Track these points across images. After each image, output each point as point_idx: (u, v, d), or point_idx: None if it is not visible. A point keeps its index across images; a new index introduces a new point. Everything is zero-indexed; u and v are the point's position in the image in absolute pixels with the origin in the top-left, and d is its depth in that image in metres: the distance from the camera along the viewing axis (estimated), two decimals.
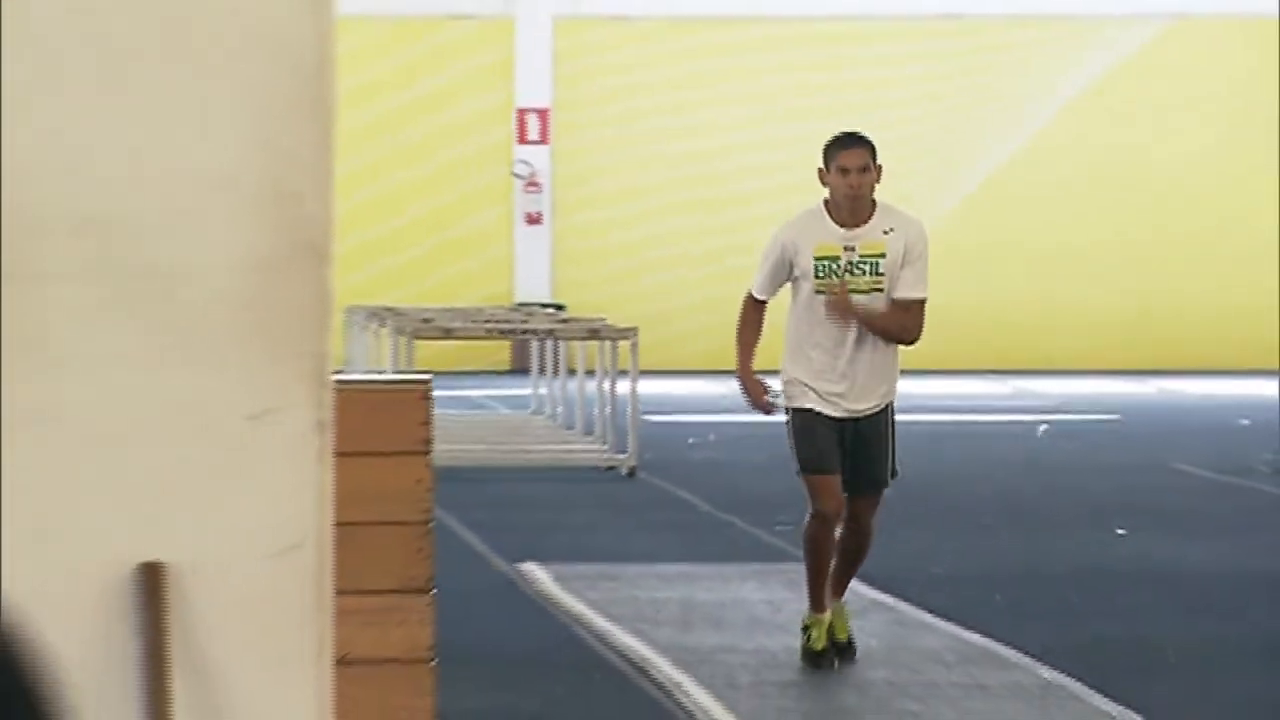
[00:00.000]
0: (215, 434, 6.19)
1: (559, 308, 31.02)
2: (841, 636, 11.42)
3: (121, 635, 6.28)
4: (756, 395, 11.54)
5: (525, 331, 29.22)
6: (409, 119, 31.74)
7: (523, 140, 35.18)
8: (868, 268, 10.91)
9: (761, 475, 22.19)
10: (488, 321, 28.58)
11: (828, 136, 13.94)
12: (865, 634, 13.99)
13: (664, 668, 13.79)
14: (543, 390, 28.97)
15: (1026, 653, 14.07)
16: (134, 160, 6.14)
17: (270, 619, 6.39)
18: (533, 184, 34.55)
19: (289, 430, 6.27)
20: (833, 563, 11.61)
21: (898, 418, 12.60)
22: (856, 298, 11.06)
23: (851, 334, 10.98)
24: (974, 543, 20.28)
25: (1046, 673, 13.64)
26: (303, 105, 6.17)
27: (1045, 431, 29.41)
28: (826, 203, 11.09)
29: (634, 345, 25.03)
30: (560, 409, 27.92)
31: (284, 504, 6.32)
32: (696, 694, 13.09)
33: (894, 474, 11.59)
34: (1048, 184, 38.68)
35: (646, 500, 21.74)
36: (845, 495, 11.65)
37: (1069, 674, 13.48)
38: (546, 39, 36.05)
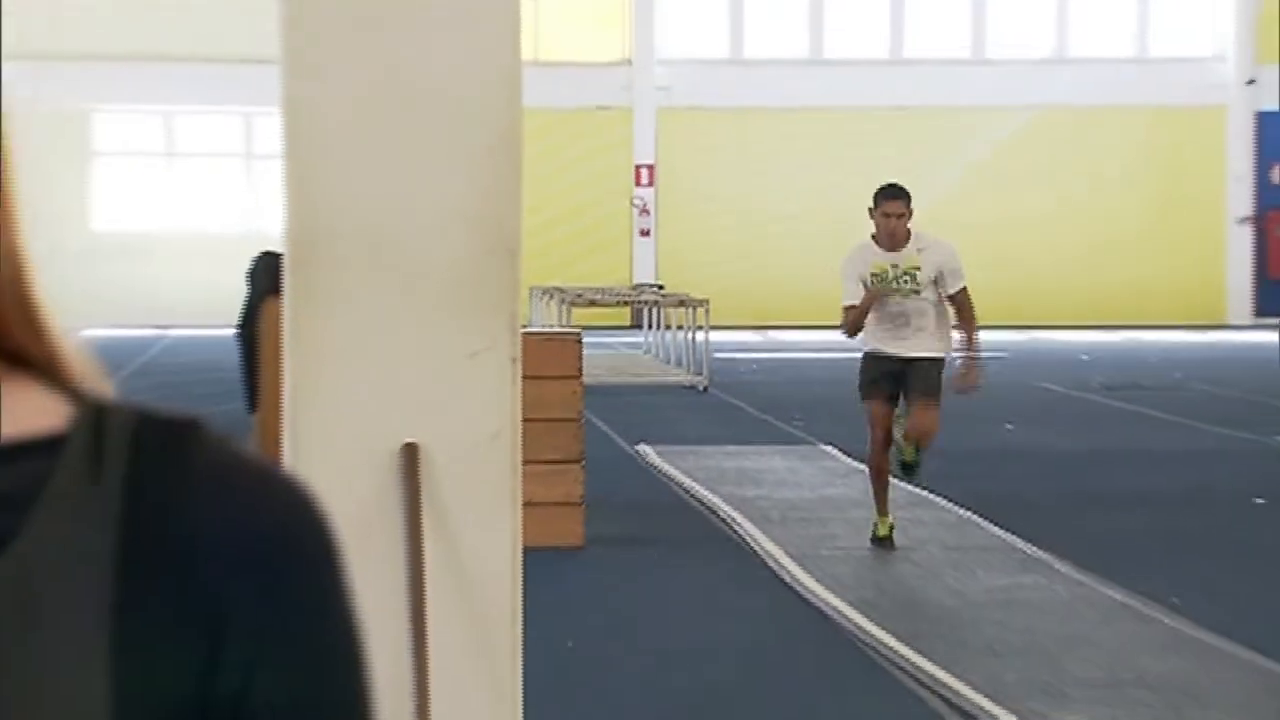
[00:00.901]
0: (451, 363, 6.57)
1: (660, 287, 31.53)
2: (910, 457, 11.95)
3: (391, 488, 6.52)
4: (867, 302, 11.36)
5: (639, 302, 30.93)
6: (567, 170, 32.13)
7: (638, 184, 35.94)
8: (908, 278, 11.16)
9: (786, 390, 24.31)
10: (615, 296, 30.00)
11: (833, 191, 13.13)
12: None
13: (725, 508, 14.97)
14: (650, 339, 29.62)
15: (950, 499, 15.05)
16: (396, 193, 6.59)
17: (483, 480, 6.61)
18: (644, 211, 36.03)
19: (494, 363, 6.54)
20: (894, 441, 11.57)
21: None
22: (902, 299, 11.36)
23: (901, 320, 11.28)
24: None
25: (961, 511, 14.73)
26: (500, 158, 6.65)
27: (959, 364, 27.61)
28: (874, 235, 11.43)
29: (706, 309, 26.58)
30: (660, 350, 28.80)
31: (492, 407, 6.57)
32: (745, 524, 14.27)
33: (939, 394, 11.59)
34: (948, 229, 35.73)
35: (713, 406, 22.81)
36: (900, 413, 11.63)
37: (976, 513, 14.54)
38: (652, 120, 36.24)
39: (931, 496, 15.27)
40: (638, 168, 35.75)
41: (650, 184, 35.82)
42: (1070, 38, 36.62)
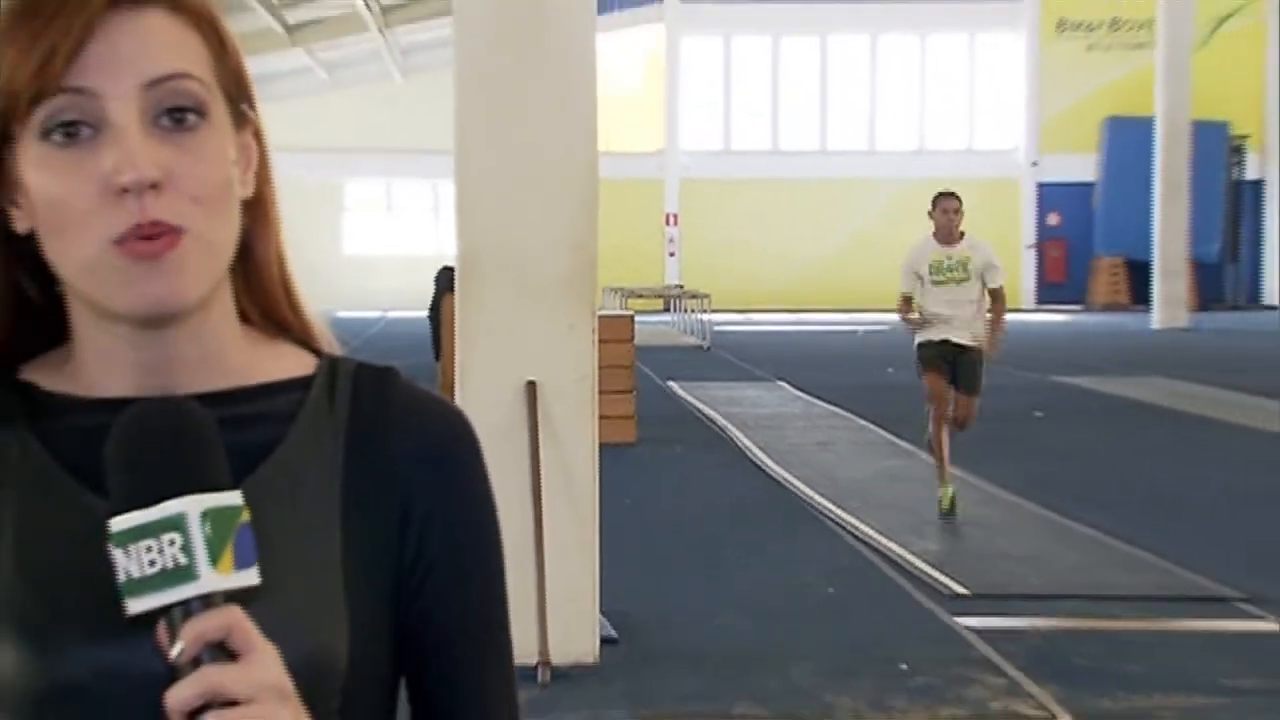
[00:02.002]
0: (556, 333, 6.34)
1: (680, 287, 30.41)
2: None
3: (520, 409, 6.28)
4: (914, 321, 9.55)
5: (667, 295, 29.76)
6: (624, 216, 28.94)
7: (667, 225, 34.88)
8: (959, 269, 9.35)
9: (755, 349, 23.18)
10: (653, 292, 29.35)
11: (783, 231, 11.94)
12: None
13: (719, 419, 14.55)
14: (674, 318, 28.56)
15: (855, 413, 11.97)
16: (524, 230, 6.36)
17: (575, 403, 6.39)
18: (671, 241, 34.91)
19: (581, 332, 6.40)
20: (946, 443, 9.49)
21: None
22: (954, 286, 9.42)
23: (952, 309, 9.38)
24: (825, 370, 16.10)
25: (861, 421, 11.05)
26: (586, 210, 6.48)
27: (861, 333, 27.15)
28: (933, 233, 9.62)
29: (710, 299, 25.70)
30: (680, 325, 27.78)
31: (580, 359, 6.32)
32: (731, 429, 13.92)
33: (980, 387, 9.54)
34: (858, 249, 33.86)
35: (712, 359, 21.97)
36: (952, 397, 9.52)
37: (872, 422, 11.98)
38: (677, 186, 35.02)
39: (841, 412, 15.00)
40: (667, 215, 35.03)
41: (675, 225, 35.05)
42: (926, 137, 35.67)
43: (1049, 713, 5.82)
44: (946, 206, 9.66)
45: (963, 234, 9.58)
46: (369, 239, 35.02)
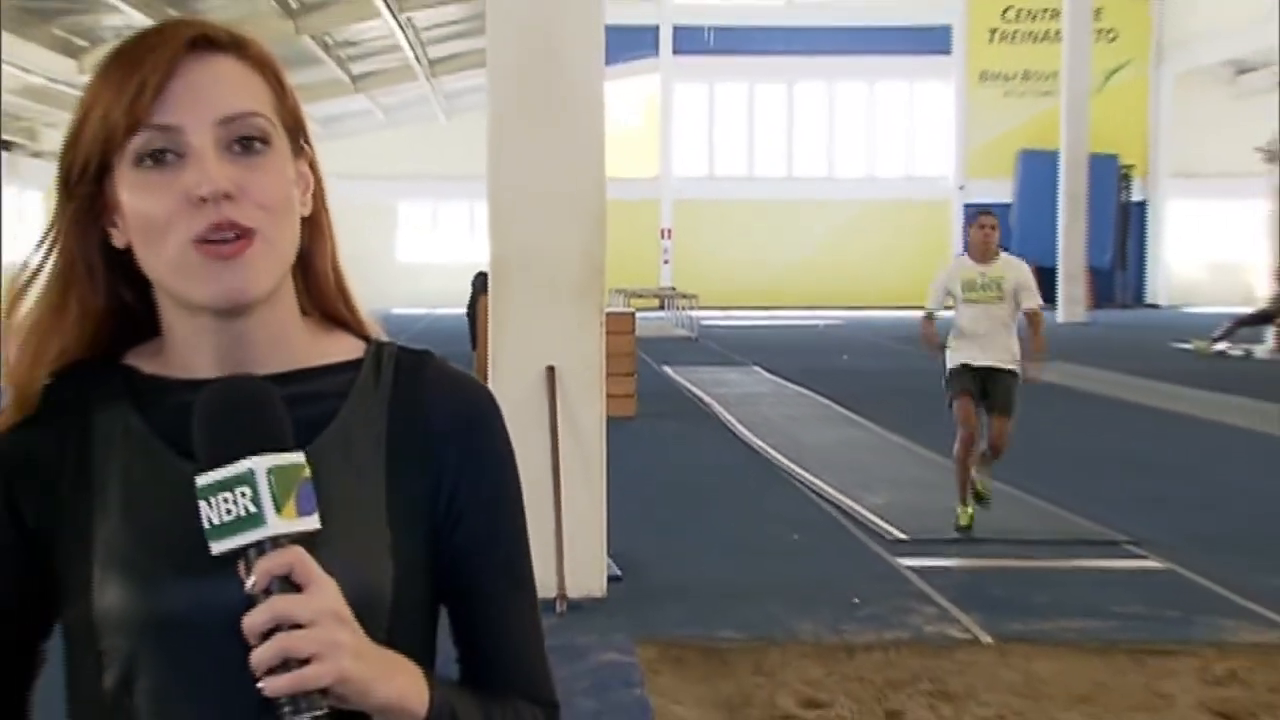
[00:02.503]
0: (571, 326, 6.26)
1: (673, 288, 30.21)
2: (983, 491, 7.79)
3: (541, 389, 6.23)
4: (932, 346, 8.12)
5: (662, 295, 29.63)
6: (628, 231, 28.71)
7: (663, 238, 34.29)
8: (993, 287, 7.70)
9: (734, 340, 22.76)
10: (650, 292, 29.16)
11: (755, 241, 11.28)
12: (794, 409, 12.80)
13: (705, 398, 14.35)
14: (667, 314, 28.21)
15: (819, 393, 12.00)
16: (545, 241, 6.30)
17: (586, 384, 6.31)
18: (665, 251, 34.32)
19: (591, 326, 6.33)
20: (981, 453, 7.82)
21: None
22: (986, 305, 7.74)
23: (983, 329, 7.73)
24: (792, 357, 16.95)
25: (817, 396, 12.04)
26: (596, 225, 6.37)
27: (821, 326, 27.10)
28: (967, 251, 8.01)
29: (697, 299, 26.00)
30: (673, 320, 27.34)
31: (590, 348, 6.28)
32: (714, 405, 13.81)
33: (1014, 410, 7.73)
34: (820, 257, 34.58)
35: (699, 347, 21.59)
36: (985, 417, 7.81)
37: (827, 397, 11.76)
38: (671, 206, 34.59)
39: (805, 392, 14.84)
40: (662, 229, 34.62)
41: (669, 238, 34.66)
42: (874, 166, 35.29)
43: (973, 635, 5.83)
44: (984, 223, 8.02)
45: (999, 252, 7.97)
46: (418, 250, 34.82)
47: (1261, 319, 20.44)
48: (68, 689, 1.15)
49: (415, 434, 1.17)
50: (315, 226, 1.18)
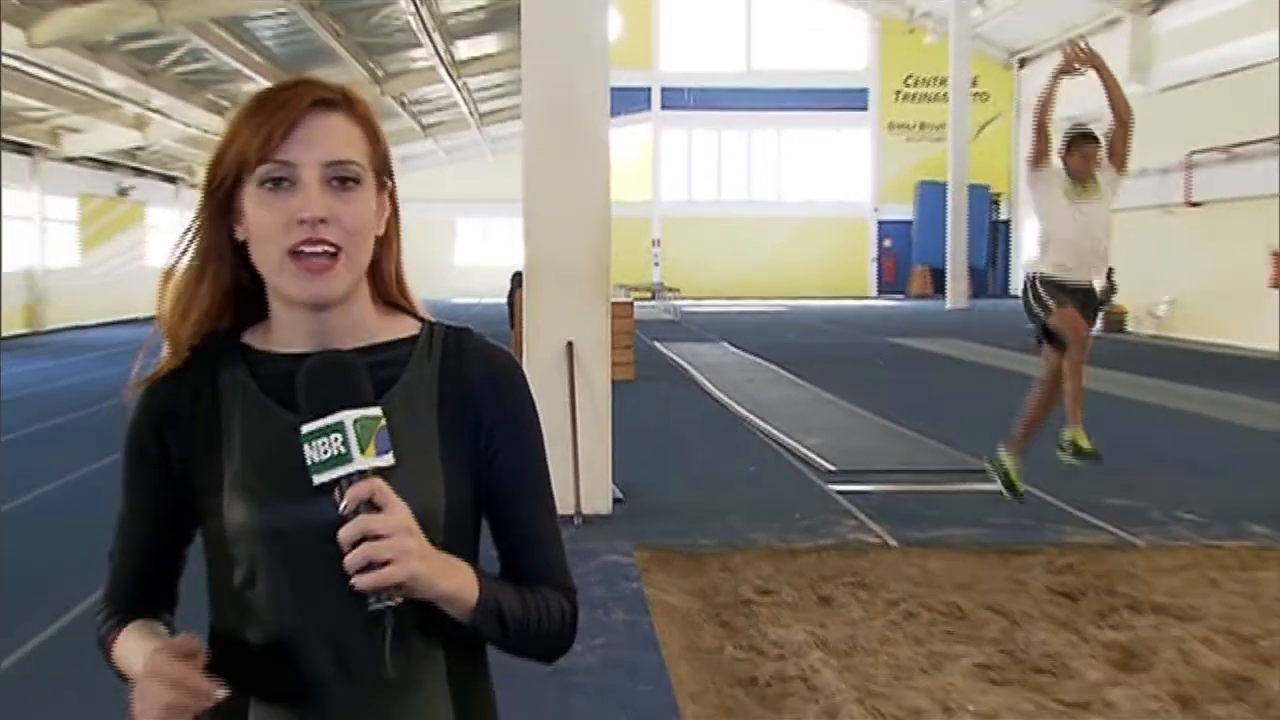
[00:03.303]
0: (585, 312, 6.11)
1: (662, 284, 29.49)
2: (1085, 445, 5.86)
3: (562, 359, 6.07)
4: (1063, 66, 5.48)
5: (653, 289, 28.45)
6: (627, 239, 28.71)
7: (654, 245, 33.38)
8: (1094, 185, 5.47)
9: (708, 322, 21.98)
10: (645, 287, 28.19)
11: (722, 247, 11.26)
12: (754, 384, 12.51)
13: (688, 366, 13.74)
14: (657, 303, 27.11)
15: (768, 360, 11.88)
16: (565, 246, 6.13)
17: (596, 354, 6.15)
18: (656, 255, 33.34)
19: (600, 311, 6.17)
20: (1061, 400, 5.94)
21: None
22: (1088, 205, 5.61)
23: (1085, 239, 5.66)
24: (750, 335, 16.33)
25: (762, 361, 12.42)
26: (603, 235, 6.24)
27: (774, 313, 25.96)
28: (1066, 173, 5.65)
29: (680, 291, 26.15)
30: (662, 307, 26.22)
31: (599, 328, 6.09)
32: (693, 371, 13.33)
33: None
34: (770, 263, 33.74)
35: (684, 330, 20.32)
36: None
37: (773, 363, 12.25)
38: (661, 222, 33.76)
39: (760, 361, 14.57)
40: (654, 239, 33.87)
41: (659, 246, 33.92)
42: (812, 192, 34.50)
43: (883, 540, 5.80)
44: (1085, 151, 5.60)
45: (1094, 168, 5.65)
46: (471, 255, 34.26)
47: None
48: (209, 585, 1.15)
49: (459, 391, 1.16)
50: (386, 242, 1.18)
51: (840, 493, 6.93)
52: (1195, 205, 17.86)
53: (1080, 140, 5.70)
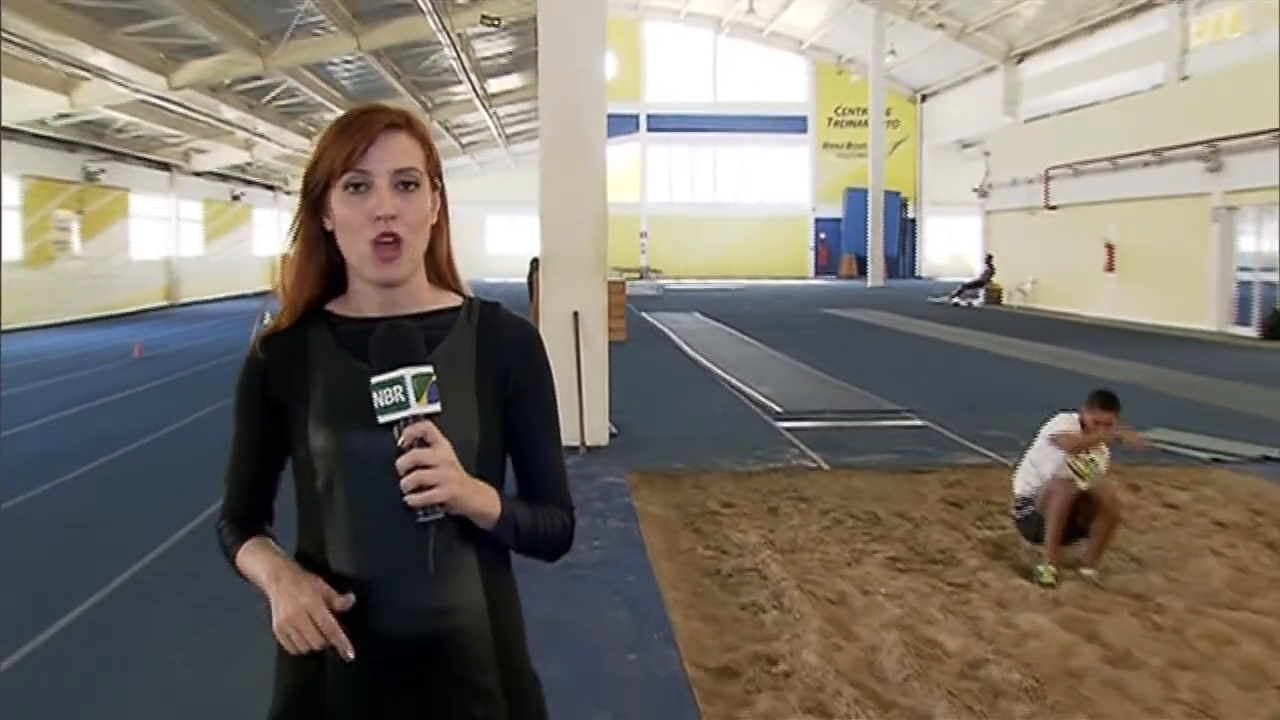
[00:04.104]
0: (588, 288, 5.83)
1: (648, 266, 29.47)
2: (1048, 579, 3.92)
3: (569, 325, 5.92)
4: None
5: (642, 271, 28.12)
6: (620, 233, 26.31)
7: (641, 237, 32.06)
8: (1096, 462, 4.05)
9: (685, 297, 21.16)
10: (635, 270, 27.77)
11: (696, 241, 11.21)
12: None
13: (669, 332, 13.35)
14: (645, 282, 26.40)
15: (729, 326, 11.52)
16: (571, 238, 5.99)
17: (597, 322, 5.98)
18: (643, 244, 31.93)
19: (599, 288, 5.94)
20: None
21: None
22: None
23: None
24: (717, 307, 15.70)
25: (725, 326, 11.34)
26: (600, 230, 6.01)
27: (733, 290, 25.77)
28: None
29: (662, 272, 25.47)
30: (648, 285, 25.45)
31: (599, 300, 5.90)
32: (673, 335, 12.98)
33: None
34: (731, 258, 33.07)
35: (665, 302, 19.73)
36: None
37: (733, 328, 11.28)
38: (649, 220, 32.78)
39: (724, 327, 14.30)
40: (641, 231, 32.90)
41: (645, 237, 32.96)
42: (764, 195, 33.92)
43: (818, 464, 5.80)
44: (1101, 419, 3.94)
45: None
46: (500, 245, 33.51)
47: (977, 285, 20.55)
48: (297, 496, 1.17)
49: (491, 351, 1.16)
50: (438, 230, 1.17)
51: (786, 429, 6.92)
52: (1052, 209, 18.52)
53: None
